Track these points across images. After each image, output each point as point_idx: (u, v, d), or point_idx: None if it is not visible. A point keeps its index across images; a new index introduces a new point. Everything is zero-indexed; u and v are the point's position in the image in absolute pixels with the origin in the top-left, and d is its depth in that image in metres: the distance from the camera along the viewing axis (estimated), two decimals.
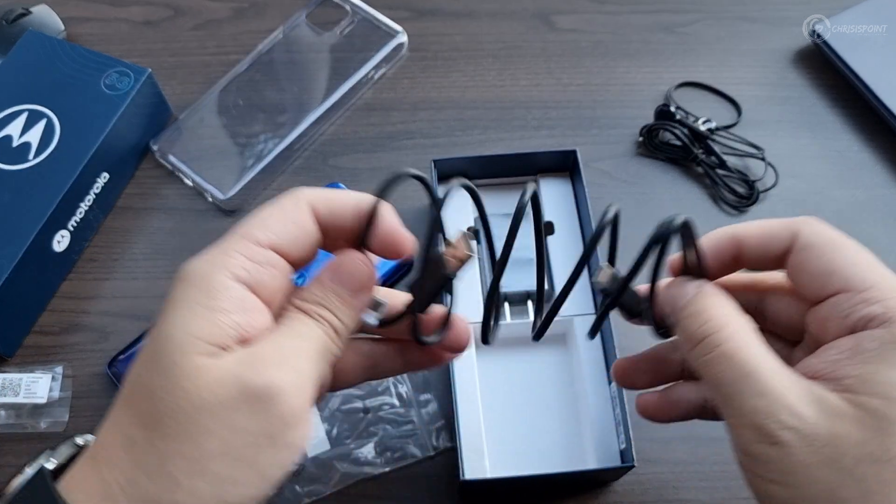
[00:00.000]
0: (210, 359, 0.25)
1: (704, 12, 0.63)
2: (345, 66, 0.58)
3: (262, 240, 0.26)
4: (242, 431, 0.25)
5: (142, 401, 0.25)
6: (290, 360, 0.26)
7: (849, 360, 0.26)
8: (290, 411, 0.25)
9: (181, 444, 0.24)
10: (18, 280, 0.47)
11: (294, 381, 0.25)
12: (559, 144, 0.57)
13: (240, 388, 0.25)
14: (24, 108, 0.52)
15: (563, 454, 0.45)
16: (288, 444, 0.25)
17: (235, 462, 0.25)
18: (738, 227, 0.30)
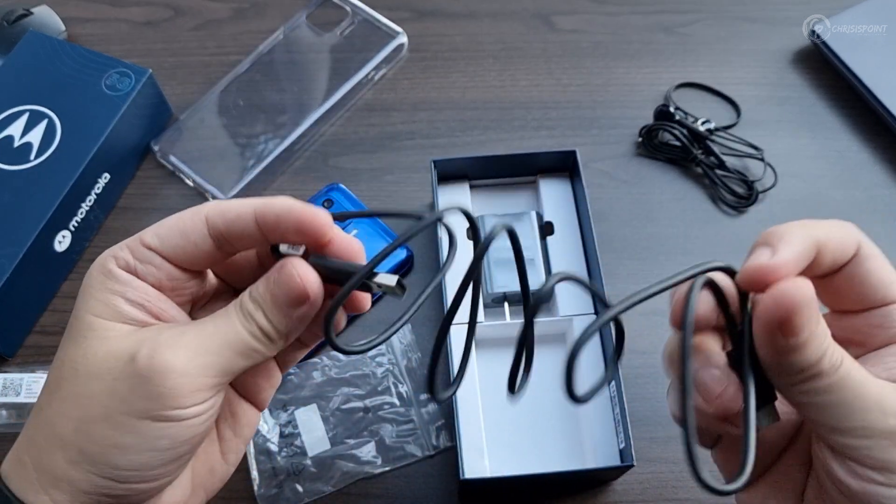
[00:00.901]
0: (110, 333, 0.27)
1: (704, 13, 0.64)
2: (345, 66, 0.58)
3: (147, 242, 0.28)
4: (122, 401, 0.26)
5: (52, 370, 0.28)
6: (189, 345, 0.27)
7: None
8: (173, 390, 0.26)
9: (70, 406, 0.27)
10: (19, 280, 0.47)
11: (184, 364, 0.26)
12: (559, 145, 0.57)
13: (127, 361, 0.26)
14: (26, 109, 0.52)
15: (563, 454, 0.45)
16: (170, 419, 0.26)
17: (117, 428, 0.26)
18: (816, 230, 0.27)
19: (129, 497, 0.28)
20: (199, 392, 0.27)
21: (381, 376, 0.47)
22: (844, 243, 0.28)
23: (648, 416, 0.47)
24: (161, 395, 0.26)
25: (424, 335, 0.49)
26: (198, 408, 0.27)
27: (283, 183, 0.55)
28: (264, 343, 0.28)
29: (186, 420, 0.27)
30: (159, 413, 0.26)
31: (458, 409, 0.43)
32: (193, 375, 0.27)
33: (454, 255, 0.29)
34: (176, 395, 0.26)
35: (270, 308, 0.28)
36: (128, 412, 0.26)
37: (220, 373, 0.27)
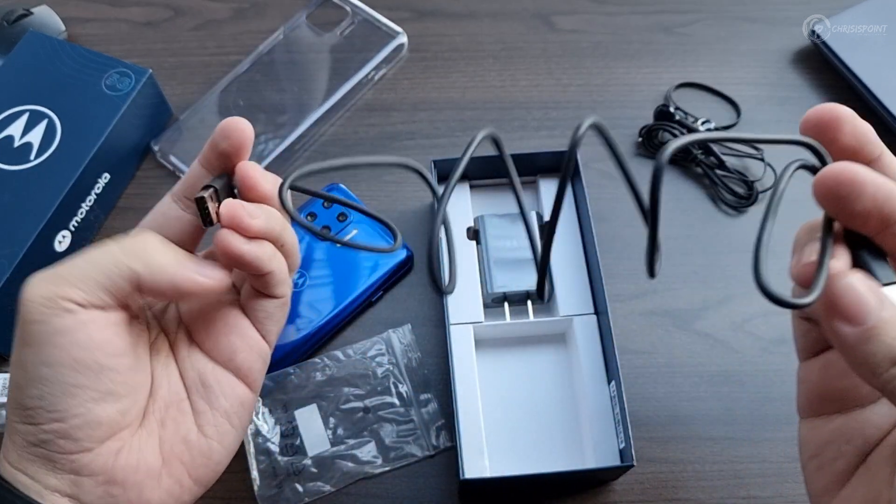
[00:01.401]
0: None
1: (704, 13, 0.64)
2: (345, 66, 0.58)
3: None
4: (17, 339, 0.28)
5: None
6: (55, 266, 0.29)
7: None
8: (27, 303, 0.28)
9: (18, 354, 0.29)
10: (20, 280, 0.46)
11: (38, 278, 0.29)
12: (559, 145, 0.57)
13: None
14: (26, 109, 0.52)
15: (563, 453, 0.45)
16: (36, 337, 0.28)
17: (14, 368, 0.28)
18: None
19: (53, 443, 0.28)
20: (52, 300, 0.28)
21: (381, 376, 0.47)
22: None
23: (648, 416, 0.47)
24: (23, 311, 0.28)
25: (424, 335, 0.49)
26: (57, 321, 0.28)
27: None
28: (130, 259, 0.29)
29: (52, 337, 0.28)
30: (27, 332, 0.28)
31: (458, 408, 0.43)
32: (47, 284, 0.28)
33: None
34: (31, 306, 0.28)
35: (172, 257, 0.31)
36: (16, 346, 0.28)
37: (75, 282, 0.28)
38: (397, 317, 0.50)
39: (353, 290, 0.49)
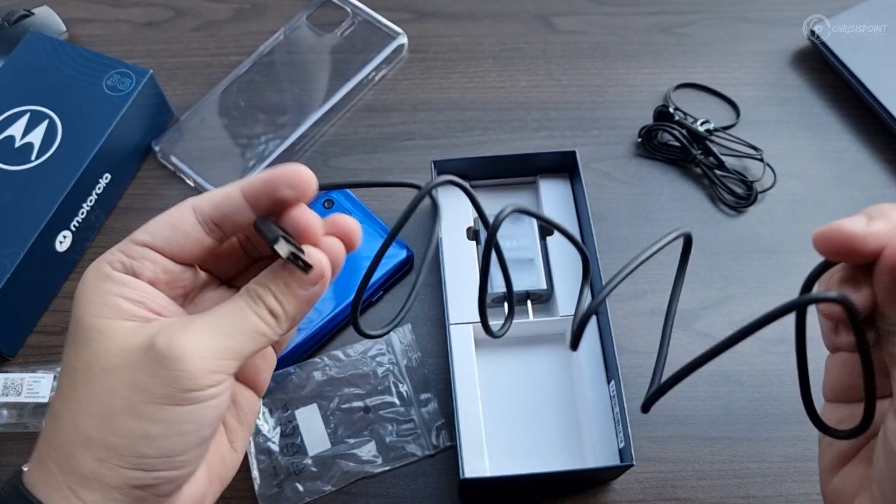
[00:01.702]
0: (117, 331, 0.28)
1: (703, 13, 0.64)
2: (345, 67, 0.58)
3: (139, 238, 0.29)
4: (142, 390, 0.27)
5: (62, 377, 0.29)
6: (202, 330, 0.28)
7: None
8: (191, 372, 0.27)
9: (90, 405, 0.27)
10: (21, 280, 0.47)
11: (199, 346, 0.27)
12: (559, 145, 0.57)
13: (141, 349, 0.27)
14: (27, 109, 0.52)
15: (563, 453, 0.45)
16: (189, 403, 0.27)
17: (142, 418, 0.27)
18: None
19: (159, 487, 0.28)
20: (215, 374, 0.27)
21: (381, 376, 0.47)
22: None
23: (648, 415, 0.47)
24: (180, 377, 0.27)
25: (424, 335, 0.49)
26: (215, 389, 0.28)
27: None
28: (272, 326, 0.29)
29: (207, 401, 0.28)
30: (182, 396, 0.27)
31: (458, 408, 0.43)
32: (208, 357, 0.27)
33: (439, 224, 0.31)
34: (195, 376, 0.27)
35: (282, 290, 0.29)
36: (151, 400, 0.27)
37: (232, 355, 0.28)
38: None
39: (354, 290, 0.49)
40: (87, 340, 0.28)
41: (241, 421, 0.33)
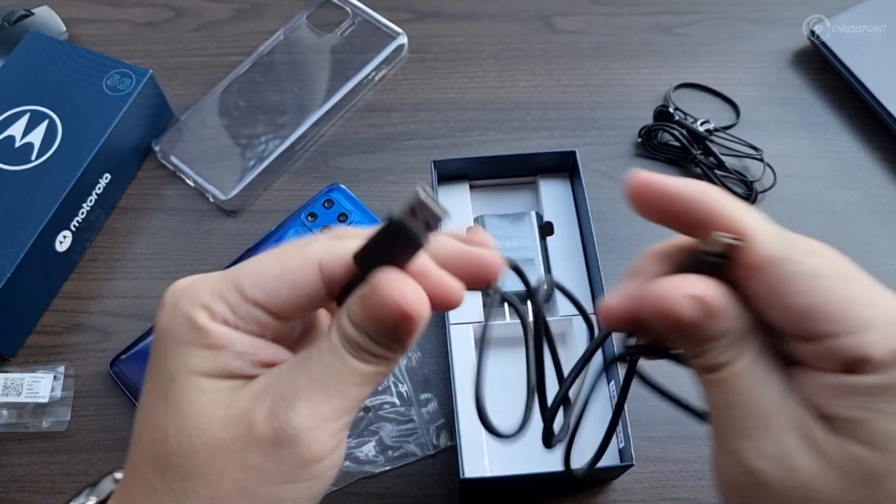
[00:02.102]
0: (221, 394, 0.25)
1: (703, 13, 0.64)
2: (345, 67, 0.58)
3: (249, 294, 0.25)
4: (257, 471, 0.24)
5: (155, 442, 0.25)
6: (310, 396, 0.24)
7: (842, 399, 0.22)
8: (306, 453, 0.24)
9: (197, 485, 0.24)
10: (20, 280, 0.47)
11: (309, 419, 0.24)
12: (559, 145, 0.57)
13: (250, 430, 0.24)
14: (27, 109, 0.52)
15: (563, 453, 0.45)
16: (308, 479, 0.25)
17: (253, 500, 0.24)
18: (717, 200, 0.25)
19: None
20: (332, 437, 0.25)
21: None
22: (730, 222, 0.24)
23: (648, 415, 0.47)
24: (296, 455, 0.24)
25: (424, 335, 0.49)
26: (335, 455, 0.25)
27: (284, 183, 0.55)
28: (383, 364, 0.25)
29: (328, 471, 0.25)
30: (301, 473, 0.24)
31: (458, 408, 0.43)
32: (321, 426, 0.24)
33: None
34: (311, 450, 0.24)
35: (377, 333, 0.24)
36: (265, 482, 0.24)
37: (346, 411, 0.25)
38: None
39: None
40: (183, 401, 0.24)
41: None
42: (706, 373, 0.25)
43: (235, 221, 0.54)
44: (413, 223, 0.23)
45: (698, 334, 0.24)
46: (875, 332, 0.22)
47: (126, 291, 0.51)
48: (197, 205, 0.54)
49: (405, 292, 0.23)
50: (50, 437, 0.47)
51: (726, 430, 0.24)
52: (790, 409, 0.23)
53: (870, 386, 0.22)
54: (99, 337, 0.50)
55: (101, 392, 0.48)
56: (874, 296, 0.23)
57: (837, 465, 0.22)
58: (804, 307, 0.23)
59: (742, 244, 0.23)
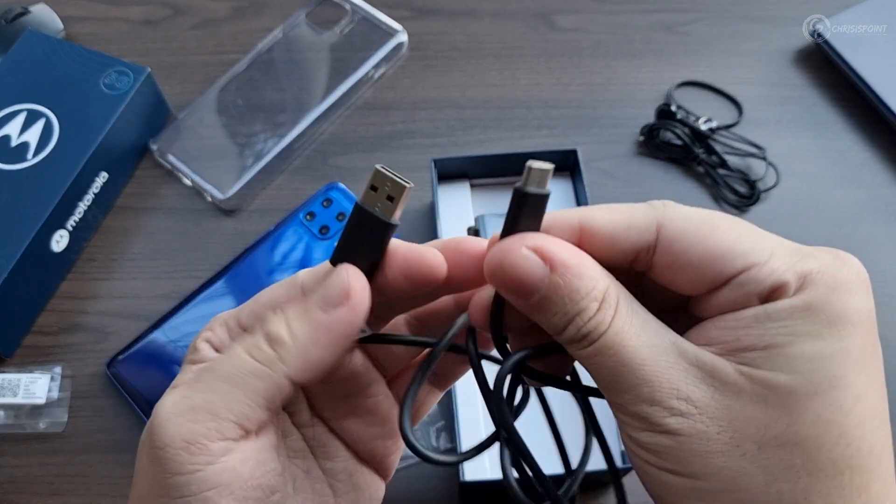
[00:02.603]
0: None
1: (705, 12, 0.63)
2: (344, 65, 0.58)
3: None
4: (143, 478, 0.23)
5: None
6: (184, 393, 0.23)
7: (751, 329, 0.22)
8: (165, 449, 0.22)
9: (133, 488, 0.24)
10: (17, 280, 0.47)
11: (169, 411, 0.22)
12: (560, 144, 0.56)
13: (145, 435, 0.23)
14: (23, 108, 0.51)
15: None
16: (180, 493, 0.22)
17: None
18: (586, 214, 0.23)
19: None
20: (196, 445, 0.22)
21: None
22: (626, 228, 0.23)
23: None
24: (160, 458, 0.22)
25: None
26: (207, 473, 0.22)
27: (283, 182, 0.55)
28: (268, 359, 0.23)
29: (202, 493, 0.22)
30: (168, 484, 0.22)
31: (458, 410, 0.43)
32: (182, 422, 0.22)
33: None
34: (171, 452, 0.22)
35: (297, 313, 0.23)
36: (152, 496, 0.22)
37: (216, 414, 0.22)
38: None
39: None
40: None
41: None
42: (582, 346, 0.23)
43: (233, 221, 0.53)
44: (376, 204, 0.23)
45: (556, 297, 0.22)
46: (779, 259, 0.22)
47: (123, 291, 0.51)
48: (195, 204, 0.54)
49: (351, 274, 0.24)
50: (47, 439, 0.46)
51: (625, 399, 0.22)
52: (689, 358, 0.22)
53: (787, 309, 0.21)
54: (96, 337, 0.49)
55: (98, 393, 0.48)
56: (757, 231, 0.23)
57: (757, 397, 0.21)
58: (707, 254, 0.22)
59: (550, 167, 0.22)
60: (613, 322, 0.22)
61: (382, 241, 0.24)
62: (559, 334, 0.23)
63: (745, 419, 0.21)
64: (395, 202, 0.23)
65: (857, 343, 0.21)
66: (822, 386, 0.21)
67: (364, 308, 0.24)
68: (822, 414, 0.21)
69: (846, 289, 0.22)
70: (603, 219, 0.23)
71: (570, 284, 0.22)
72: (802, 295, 0.21)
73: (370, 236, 0.23)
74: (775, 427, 0.21)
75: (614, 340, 0.22)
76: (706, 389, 0.22)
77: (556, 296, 0.22)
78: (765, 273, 0.22)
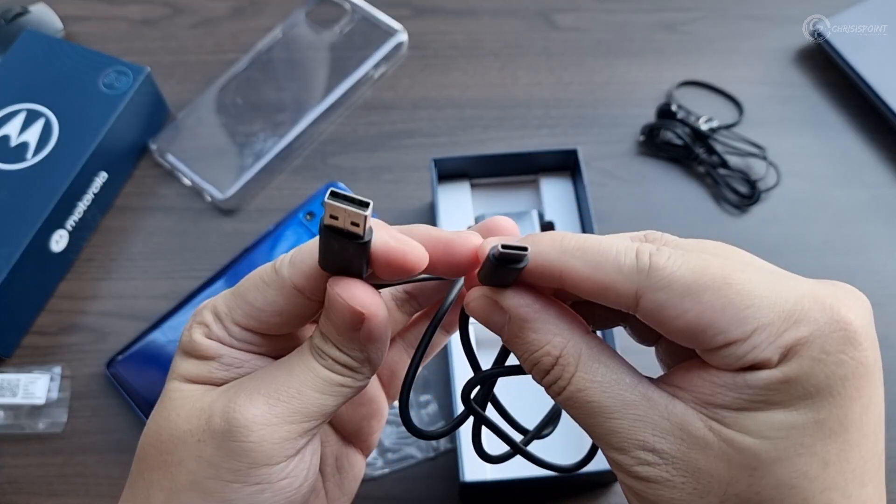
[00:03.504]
0: (196, 392, 0.26)
1: (706, 11, 0.63)
2: (344, 64, 0.58)
3: (241, 322, 0.26)
4: (208, 464, 0.24)
5: (142, 436, 0.26)
6: (267, 392, 0.25)
7: (730, 391, 0.22)
8: (256, 450, 0.24)
9: (159, 475, 0.25)
10: (16, 280, 0.46)
11: (263, 413, 0.24)
12: (560, 143, 0.56)
13: (207, 419, 0.24)
14: (23, 108, 0.51)
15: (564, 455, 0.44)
16: (257, 480, 0.24)
17: (205, 495, 0.24)
18: (567, 267, 0.24)
19: None
20: (288, 442, 0.24)
21: None
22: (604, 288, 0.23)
23: None
24: (246, 450, 0.24)
25: None
26: (291, 464, 0.25)
27: (282, 182, 0.55)
28: (347, 374, 0.25)
29: (280, 480, 0.25)
30: (251, 473, 0.24)
31: (457, 410, 0.43)
32: (276, 424, 0.24)
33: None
34: (262, 448, 0.24)
35: (337, 338, 0.25)
36: (215, 476, 0.24)
37: (305, 416, 0.25)
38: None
39: None
40: (164, 400, 0.26)
41: (344, 488, 0.30)
42: (553, 393, 0.25)
43: (233, 221, 0.53)
44: (344, 226, 0.23)
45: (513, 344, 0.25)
46: (760, 332, 0.22)
47: (123, 291, 0.51)
48: (194, 204, 0.54)
49: (353, 293, 0.24)
50: (46, 439, 0.46)
51: (599, 444, 0.24)
52: (659, 410, 0.23)
53: (763, 380, 0.22)
54: (95, 337, 0.49)
55: (97, 393, 0.47)
56: (750, 287, 0.22)
57: (722, 454, 0.22)
58: (688, 328, 0.22)
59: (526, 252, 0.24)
60: (574, 379, 0.24)
61: (364, 252, 0.24)
62: (531, 375, 0.25)
63: (708, 473, 0.22)
64: (361, 226, 0.23)
65: (835, 413, 0.22)
66: (787, 453, 0.21)
67: (382, 312, 0.25)
68: (784, 479, 0.22)
69: (833, 359, 0.22)
70: (583, 276, 0.24)
71: (525, 337, 0.24)
72: (783, 367, 0.22)
73: (352, 250, 0.24)
74: (737, 485, 0.22)
75: (577, 396, 0.24)
76: (672, 441, 0.23)
77: (515, 342, 0.25)
78: (744, 350, 0.22)
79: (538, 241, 0.24)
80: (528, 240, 0.24)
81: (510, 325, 0.25)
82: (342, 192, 0.22)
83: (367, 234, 0.23)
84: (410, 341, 0.32)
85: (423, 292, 0.29)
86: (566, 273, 0.24)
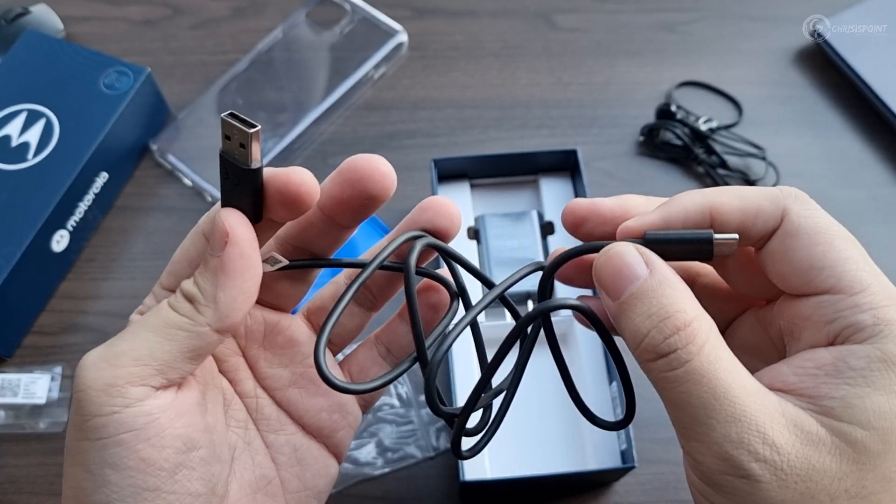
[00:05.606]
0: None
1: (705, 11, 0.63)
2: (344, 65, 0.58)
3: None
4: (71, 426, 0.24)
5: None
6: (111, 340, 0.24)
7: (830, 377, 0.22)
8: (83, 396, 0.23)
9: None
10: (17, 280, 0.47)
11: (92, 361, 0.23)
12: (560, 144, 0.56)
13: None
14: (23, 108, 0.51)
15: (564, 455, 0.45)
16: (98, 435, 0.23)
17: (72, 461, 0.24)
18: (713, 196, 0.24)
19: None
20: (115, 388, 0.23)
21: None
22: (753, 212, 0.24)
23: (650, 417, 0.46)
24: (77, 400, 0.23)
25: None
26: (126, 416, 0.23)
27: None
28: (186, 313, 0.24)
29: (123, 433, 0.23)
30: (86, 425, 0.23)
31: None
32: (103, 368, 0.23)
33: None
34: (89, 396, 0.23)
35: (197, 268, 0.25)
36: (73, 437, 0.24)
37: (133, 359, 0.23)
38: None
39: None
40: None
41: (306, 483, 0.29)
42: (670, 366, 0.22)
43: None
44: (235, 151, 0.23)
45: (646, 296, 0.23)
46: (866, 295, 0.22)
47: (123, 291, 0.51)
48: (194, 204, 0.54)
49: (229, 217, 0.24)
50: (47, 439, 0.46)
51: (709, 437, 0.22)
52: (768, 397, 0.22)
53: (864, 358, 0.22)
54: (96, 337, 0.49)
55: None
56: (867, 265, 0.23)
57: (836, 450, 0.21)
58: (809, 261, 0.23)
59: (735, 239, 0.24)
60: (705, 349, 0.22)
61: (253, 182, 0.24)
62: (641, 342, 0.23)
63: (822, 471, 0.21)
64: (247, 147, 0.23)
65: None
66: (891, 444, 0.21)
67: (247, 241, 0.24)
68: (886, 472, 0.21)
69: None
70: (732, 206, 0.24)
71: (662, 291, 0.23)
72: (880, 344, 0.22)
73: (242, 180, 0.24)
74: (847, 480, 0.21)
75: (707, 369, 0.22)
76: (789, 437, 0.22)
77: (647, 296, 0.23)
78: (846, 304, 0.22)
79: (682, 196, 0.25)
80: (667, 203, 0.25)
81: (649, 279, 0.23)
82: (240, 116, 0.23)
83: (255, 163, 0.23)
84: (385, 347, 0.31)
85: (379, 286, 0.29)
86: (715, 206, 0.24)
